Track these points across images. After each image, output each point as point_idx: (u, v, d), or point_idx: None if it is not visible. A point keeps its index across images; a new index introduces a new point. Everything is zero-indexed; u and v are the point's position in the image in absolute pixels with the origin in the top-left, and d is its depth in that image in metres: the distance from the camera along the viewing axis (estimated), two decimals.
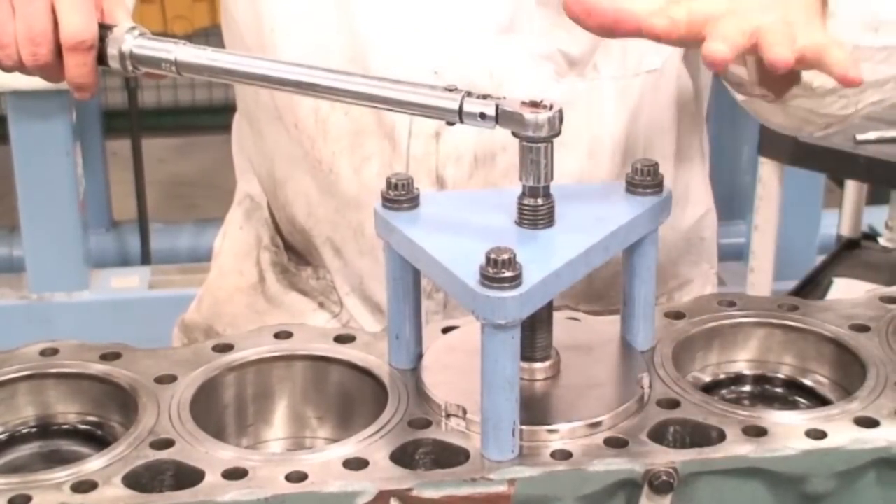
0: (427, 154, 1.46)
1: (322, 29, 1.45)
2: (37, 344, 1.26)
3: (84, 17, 1.24)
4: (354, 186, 1.50)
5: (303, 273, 1.62)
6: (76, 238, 3.70)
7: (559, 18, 1.39)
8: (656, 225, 1.21)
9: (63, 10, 1.24)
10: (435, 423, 1.15)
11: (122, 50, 1.24)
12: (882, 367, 1.22)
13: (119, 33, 1.25)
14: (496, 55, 1.42)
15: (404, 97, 1.16)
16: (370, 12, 1.43)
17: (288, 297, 1.64)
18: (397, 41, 1.43)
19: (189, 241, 4.10)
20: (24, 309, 3.69)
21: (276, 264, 1.65)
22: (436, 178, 1.47)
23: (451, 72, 1.40)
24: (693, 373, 1.28)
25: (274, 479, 1.07)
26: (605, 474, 1.09)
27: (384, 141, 1.47)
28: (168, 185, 4.98)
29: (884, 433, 1.13)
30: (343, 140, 1.48)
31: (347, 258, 1.56)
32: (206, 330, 1.70)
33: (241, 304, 1.67)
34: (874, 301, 1.34)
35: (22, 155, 3.57)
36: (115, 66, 1.25)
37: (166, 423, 1.15)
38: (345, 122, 1.48)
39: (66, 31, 1.23)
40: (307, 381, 1.26)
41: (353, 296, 1.59)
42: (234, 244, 1.71)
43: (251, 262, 1.67)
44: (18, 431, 1.23)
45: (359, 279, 1.56)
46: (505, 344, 1.07)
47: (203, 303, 1.73)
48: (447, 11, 1.42)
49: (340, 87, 1.18)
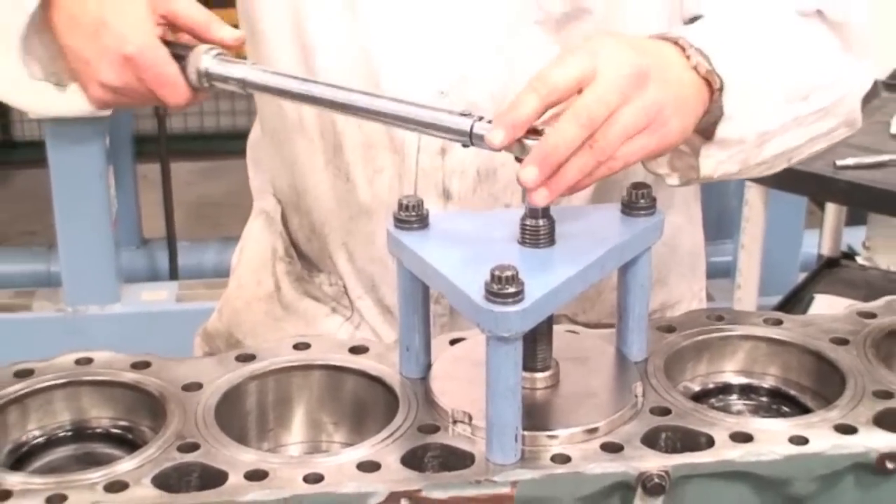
0: (434, 168, 1.46)
1: (341, 50, 1.45)
2: (72, 353, 1.26)
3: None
4: (368, 196, 1.50)
5: (316, 280, 1.62)
6: (109, 255, 3.70)
7: (556, 36, 1.39)
8: (649, 245, 1.21)
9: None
10: (442, 429, 1.15)
11: (199, 68, 1.28)
12: (860, 377, 1.22)
13: (197, 54, 1.28)
14: (496, 78, 1.42)
15: (428, 119, 1.18)
16: (383, 37, 1.43)
17: (302, 304, 1.63)
18: (407, 64, 1.42)
19: (214, 258, 4.10)
20: (61, 321, 3.69)
21: (291, 273, 1.64)
22: (442, 191, 1.47)
23: (455, 93, 1.41)
24: (683, 382, 1.28)
25: (292, 481, 1.07)
26: (601, 477, 1.09)
27: (395, 155, 1.47)
28: (194, 205, 4.98)
29: (862, 439, 1.13)
30: (357, 151, 1.48)
31: (360, 264, 1.56)
32: (226, 337, 1.69)
33: (259, 311, 1.66)
34: (853, 316, 1.34)
35: (59, 177, 3.58)
36: (194, 82, 1.29)
37: (192, 428, 1.15)
38: (358, 136, 1.47)
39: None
40: (323, 389, 1.26)
41: (365, 299, 1.58)
42: (251, 257, 1.70)
43: (267, 272, 1.66)
44: (55, 435, 1.23)
45: (370, 283, 1.56)
46: (508, 355, 1.07)
47: (223, 312, 1.72)
48: (451, 37, 1.42)
49: (375, 109, 1.22)
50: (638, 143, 1.17)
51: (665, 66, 1.20)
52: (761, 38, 1.31)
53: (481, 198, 1.47)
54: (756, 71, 1.26)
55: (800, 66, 1.33)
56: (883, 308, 1.35)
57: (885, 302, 1.36)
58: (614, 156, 1.15)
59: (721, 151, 1.28)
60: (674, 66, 1.22)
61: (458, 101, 1.38)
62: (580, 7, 1.39)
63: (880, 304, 1.36)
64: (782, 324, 1.32)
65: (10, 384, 1.21)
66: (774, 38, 1.33)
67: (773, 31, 1.34)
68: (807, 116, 1.33)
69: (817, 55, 1.36)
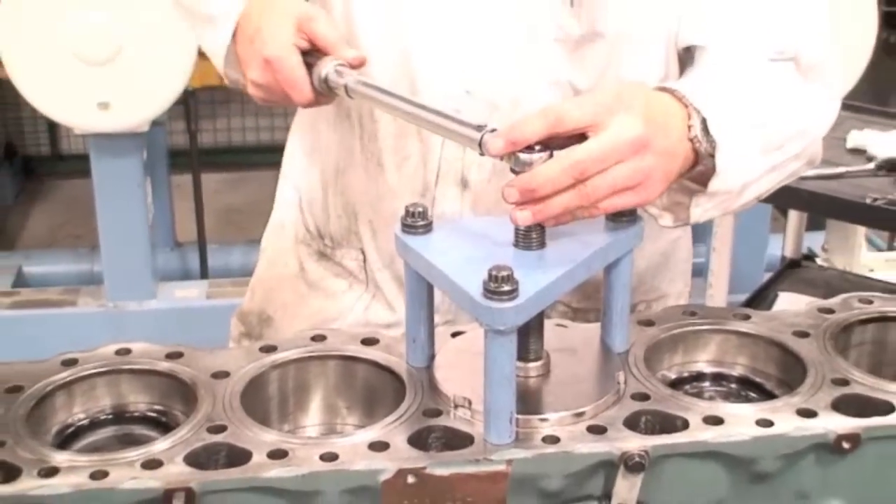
0: (455, 158, 1.48)
1: (383, 51, 1.47)
2: (112, 345, 1.26)
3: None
4: (395, 179, 1.52)
5: (337, 254, 1.64)
6: (146, 256, 3.70)
7: (571, 55, 1.40)
8: (631, 248, 1.21)
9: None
10: (445, 413, 1.15)
11: (320, 75, 1.36)
12: (820, 367, 1.22)
13: (323, 63, 1.36)
14: (515, 83, 1.43)
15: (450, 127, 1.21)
16: (422, 41, 1.45)
17: (324, 281, 1.65)
18: (440, 65, 1.44)
19: (240, 259, 4.10)
20: (102, 315, 3.69)
21: (313, 254, 1.67)
22: (461, 179, 1.49)
23: (478, 93, 1.42)
24: (661, 371, 1.28)
25: (310, 459, 1.07)
26: (587, 456, 1.09)
27: (421, 144, 1.49)
28: (223, 212, 4.98)
29: (821, 422, 1.13)
30: (389, 140, 1.51)
31: (381, 240, 1.58)
32: (259, 314, 1.71)
33: (288, 290, 1.69)
34: (813, 312, 1.33)
35: (101, 187, 3.58)
36: (317, 86, 1.37)
37: (220, 412, 1.15)
38: (392, 126, 1.50)
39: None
40: (338, 377, 1.26)
41: (384, 272, 1.60)
42: (277, 243, 1.73)
43: (292, 256, 1.69)
44: (97, 418, 1.23)
45: (390, 258, 1.58)
46: (504, 346, 1.07)
47: (255, 293, 1.74)
48: (478, 43, 1.43)
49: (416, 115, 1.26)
50: (620, 199, 1.17)
51: (666, 135, 1.20)
52: (746, 95, 1.31)
53: (494, 188, 1.47)
54: (743, 129, 1.26)
55: (777, 118, 1.32)
56: (840, 305, 1.35)
57: (842, 299, 1.36)
58: (597, 205, 1.16)
59: (709, 202, 1.29)
60: (673, 137, 1.21)
61: (481, 100, 1.42)
62: (595, 31, 1.40)
63: (837, 301, 1.36)
64: (750, 319, 1.32)
65: (57, 372, 1.21)
66: (756, 92, 1.33)
67: (755, 85, 1.33)
68: (782, 163, 1.34)
69: (791, 105, 1.35)
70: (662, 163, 1.18)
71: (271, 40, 1.38)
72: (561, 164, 1.13)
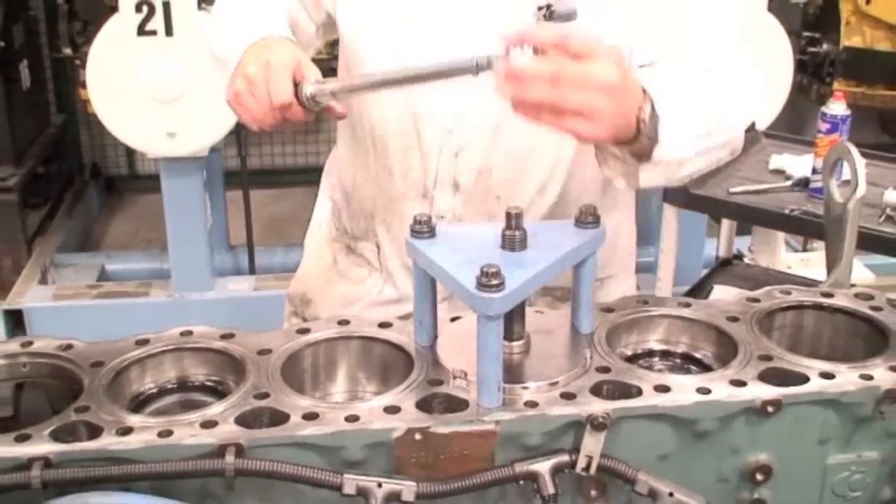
0: (449, 167, 1.52)
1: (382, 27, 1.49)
2: (177, 328, 1.25)
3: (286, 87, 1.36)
4: (402, 184, 1.56)
5: (359, 247, 1.68)
6: (205, 256, 3.69)
7: None
8: (595, 249, 1.21)
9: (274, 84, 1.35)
10: (446, 382, 1.14)
11: (305, 95, 1.36)
12: (748, 346, 1.21)
13: (304, 86, 1.36)
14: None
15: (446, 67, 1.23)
16: (418, 19, 1.46)
17: (350, 271, 1.70)
18: (434, 40, 1.44)
19: (282, 259, 4.09)
20: (170, 304, 3.68)
21: (341, 249, 1.71)
22: (453, 184, 1.53)
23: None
24: (620, 349, 1.27)
25: (337, 420, 1.07)
26: (560, 417, 1.09)
27: (422, 156, 1.53)
28: (267, 221, 4.96)
29: (750, 391, 1.13)
30: (398, 155, 1.55)
31: (394, 235, 1.61)
32: (301, 296, 1.77)
33: (322, 279, 1.74)
34: (742, 301, 1.33)
35: (169, 200, 3.57)
36: (307, 105, 1.36)
37: (264, 382, 1.14)
38: (399, 143, 1.53)
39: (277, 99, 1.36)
40: (359, 354, 1.25)
41: (395, 260, 1.64)
42: (315, 241, 1.79)
43: (327, 251, 1.74)
44: (164, 387, 1.22)
45: (400, 249, 1.60)
46: (493, 329, 1.07)
47: (299, 280, 1.81)
48: (467, 27, 1.43)
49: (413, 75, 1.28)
50: (575, 123, 1.14)
51: (627, 101, 1.20)
52: (685, 91, 1.31)
53: (480, 189, 1.52)
54: (682, 114, 1.27)
55: (708, 113, 1.34)
56: (764, 295, 1.34)
57: (766, 291, 1.35)
58: (562, 116, 1.13)
59: (654, 168, 1.30)
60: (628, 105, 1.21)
61: None
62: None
63: (762, 293, 1.35)
64: (691, 306, 1.31)
65: (132, 350, 1.21)
66: (693, 91, 1.34)
67: (692, 86, 1.35)
68: (710, 148, 1.35)
69: (719, 104, 1.37)
70: (616, 116, 1.18)
71: (274, 89, 1.36)
72: (545, 62, 1.12)
